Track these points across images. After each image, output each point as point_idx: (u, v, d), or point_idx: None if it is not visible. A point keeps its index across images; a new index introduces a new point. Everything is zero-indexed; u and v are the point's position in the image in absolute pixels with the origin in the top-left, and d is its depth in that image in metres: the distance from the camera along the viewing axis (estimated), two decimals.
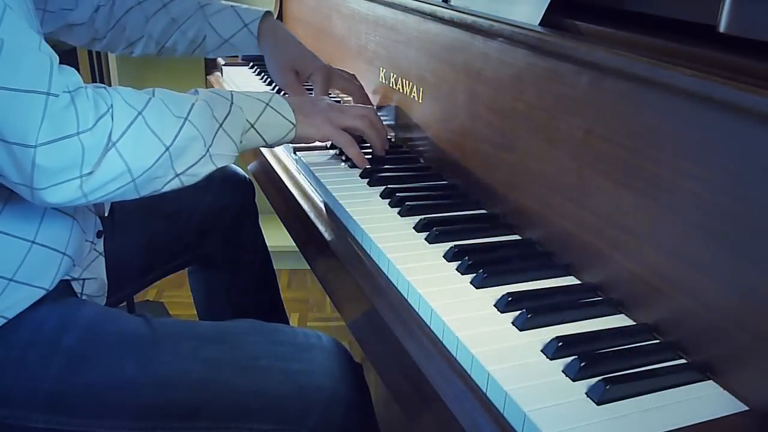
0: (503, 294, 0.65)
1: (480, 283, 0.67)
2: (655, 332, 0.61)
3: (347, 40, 1.26)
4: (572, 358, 0.55)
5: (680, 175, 0.58)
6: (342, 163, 0.99)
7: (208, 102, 0.79)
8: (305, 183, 0.98)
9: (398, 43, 1.06)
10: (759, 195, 0.52)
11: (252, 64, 1.57)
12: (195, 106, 0.77)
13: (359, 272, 0.75)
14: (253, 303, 1.26)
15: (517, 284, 0.68)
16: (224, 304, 1.25)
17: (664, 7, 0.70)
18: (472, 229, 0.79)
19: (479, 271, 0.68)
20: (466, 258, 0.70)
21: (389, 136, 1.06)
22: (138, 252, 1.08)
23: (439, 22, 0.93)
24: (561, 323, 0.62)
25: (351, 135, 0.96)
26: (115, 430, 0.75)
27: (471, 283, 0.68)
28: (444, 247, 0.73)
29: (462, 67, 0.88)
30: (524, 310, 0.61)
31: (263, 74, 1.47)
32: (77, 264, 0.85)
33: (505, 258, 0.73)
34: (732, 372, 0.54)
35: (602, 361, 0.56)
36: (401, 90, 1.05)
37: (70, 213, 0.81)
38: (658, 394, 0.54)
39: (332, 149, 1.04)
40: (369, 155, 0.99)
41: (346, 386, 0.78)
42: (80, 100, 0.66)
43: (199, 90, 0.82)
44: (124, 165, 0.69)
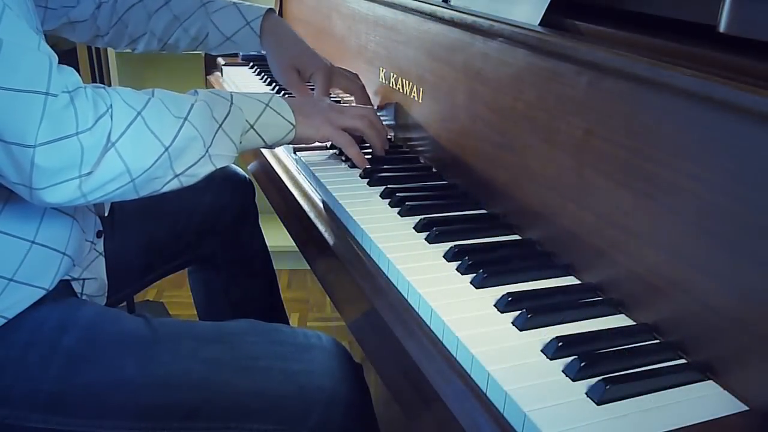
0: (503, 294, 0.65)
1: (480, 283, 0.67)
2: (655, 332, 0.61)
3: (347, 40, 1.26)
4: (572, 358, 0.55)
5: (680, 175, 0.58)
6: (342, 163, 0.99)
7: (207, 102, 0.79)
8: (305, 183, 0.98)
9: (398, 43, 1.05)
10: (759, 195, 0.52)
11: (252, 64, 1.57)
12: (194, 107, 0.77)
13: (359, 272, 0.75)
14: (253, 303, 1.26)
15: (517, 284, 0.68)
16: (224, 305, 1.25)
17: (664, 7, 0.70)
18: (472, 229, 0.79)
19: (479, 271, 0.68)
20: (466, 258, 0.70)
21: (389, 136, 1.06)
22: (138, 252, 1.08)
23: (439, 22, 0.93)
24: (561, 323, 0.62)
25: (351, 135, 0.96)
26: (115, 430, 0.75)
27: (471, 283, 0.68)
28: (444, 247, 0.73)
29: (462, 67, 0.88)
30: (524, 310, 0.61)
31: (263, 74, 1.47)
32: (77, 264, 0.85)
33: (505, 258, 0.73)
34: (732, 372, 0.54)
35: (602, 361, 0.56)
36: (401, 90, 1.05)
37: (70, 213, 0.81)
38: (658, 394, 0.54)
39: (332, 149, 1.04)
40: (369, 155, 0.99)
41: (346, 386, 0.78)
42: (79, 100, 0.66)
43: (198, 90, 0.81)
44: (123, 165, 0.69)
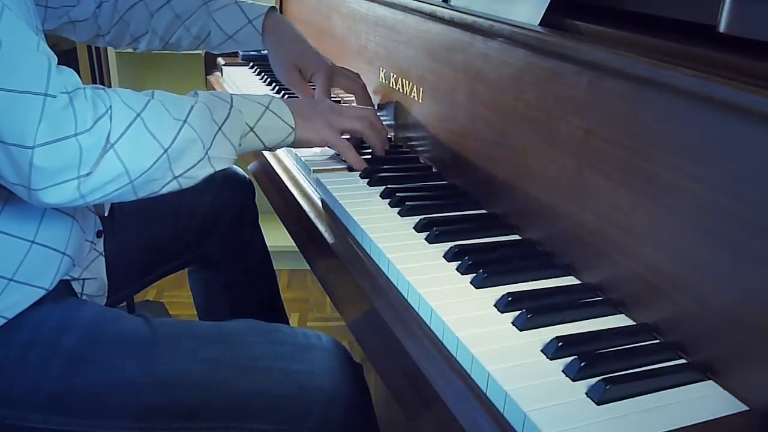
0: (503, 294, 0.65)
1: (480, 283, 0.67)
2: (655, 332, 0.61)
3: (347, 40, 1.26)
4: (572, 358, 0.55)
5: (680, 175, 0.58)
6: (342, 163, 0.99)
7: (207, 104, 0.79)
8: (305, 183, 0.98)
9: (398, 43, 1.05)
10: (759, 195, 0.52)
11: (252, 64, 1.57)
12: (194, 109, 0.77)
13: (359, 272, 0.75)
14: (253, 303, 1.26)
15: (517, 284, 0.68)
16: (224, 304, 1.25)
17: (664, 7, 0.70)
18: (472, 229, 0.79)
19: (479, 271, 0.68)
20: (466, 258, 0.70)
21: (389, 136, 1.06)
22: (138, 252, 1.08)
23: (439, 22, 0.93)
24: (561, 323, 0.62)
25: (352, 136, 0.95)
26: (115, 430, 0.75)
27: (471, 283, 0.68)
28: (444, 247, 0.73)
29: (462, 67, 0.88)
30: (524, 310, 0.61)
31: (263, 74, 1.47)
32: (77, 264, 0.85)
33: (505, 258, 0.73)
34: (732, 372, 0.54)
35: (602, 361, 0.56)
36: (401, 90, 1.05)
37: (70, 213, 0.81)
38: (658, 394, 0.54)
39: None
40: (369, 155, 0.99)
41: (346, 386, 0.79)
42: (78, 101, 0.66)
43: (198, 92, 0.81)
44: (122, 166, 0.69)
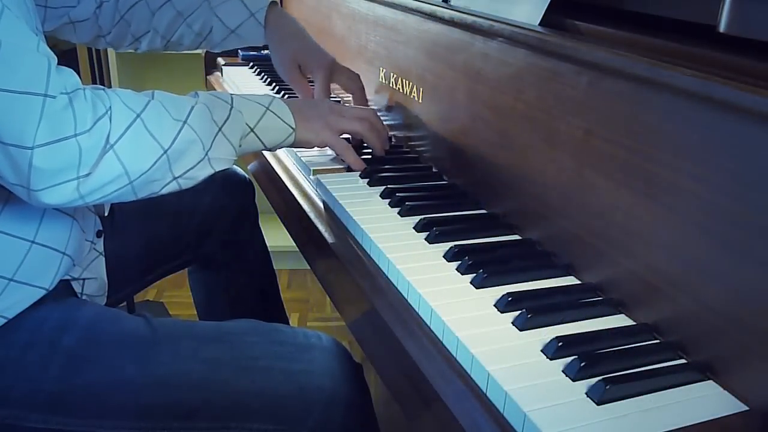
0: (503, 294, 0.65)
1: (480, 283, 0.67)
2: (655, 332, 0.61)
3: (347, 40, 1.26)
4: (572, 358, 0.55)
5: (680, 175, 0.58)
6: (342, 163, 0.99)
7: (207, 105, 0.79)
8: (305, 183, 0.98)
9: (398, 43, 1.05)
10: (759, 195, 0.52)
11: (252, 64, 1.57)
12: (194, 110, 0.77)
13: (359, 272, 0.75)
14: (253, 303, 1.26)
15: (517, 284, 0.68)
16: (224, 304, 1.25)
17: (664, 7, 0.70)
18: (472, 229, 0.79)
19: (479, 271, 0.68)
20: (466, 258, 0.70)
21: (389, 136, 1.06)
22: (138, 252, 1.08)
23: (439, 22, 0.93)
24: (561, 323, 0.62)
25: (352, 136, 0.95)
26: (115, 430, 0.75)
27: (471, 283, 0.68)
28: (444, 247, 0.73)
29: (462, 67, 0.88)
30: (524, 310, 0.61)
31: (263, 74, 1.47)
32: (77, 264, 0.85)
33: (505, 258, 0.73)
34: (732, 372, 0.54)
35: (602, 361, 0.56)
36: (401, 90, 1.05)
37: (70, 213, 0.81)
38: (658, 394, 0.54)
39: None
40: (369, 155, 0.99)
41: (346, 386, 0.79)
42: (78, 102, 0.66)
43: (199, 93, 0.81)
44: (122, 167, 0.69)
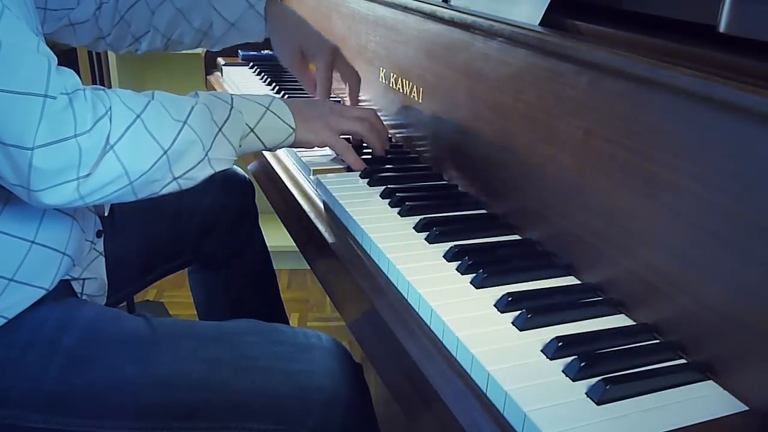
0: (503, 294, 0.65)
1: (480, 283, 0.67)
2: (655, 332, 0.61)
3: (347, 40, 1.26)
4: (572, 358, 0.55)
5: (680, 175, 0.58)
6: (342, 163, 0.99)
7: (207, 105, 0.79)
8: (305, 183, 0.98)
9: (398, 43, 1.05)
10: (759, 195, 0.52)
11: (252, 64, 1.57)
12: (194, 110, 0.77)
13: (359, 272, 0.75)
14: (253, 303, 1.26)
15: (517, 284, 0.68)
16: (224, 304, 1.25)
17: (664, 7, 0.70)
18: (472, 229, 0.79)
19: (479, 271, 0.68)
20: (466, 258, 0.70)
21: (389, 136, 1.06)
22: (138, 252, 1.08)
23: (439, 22, 0.93)
24: (561, 323, 0.62)
25: (352, 136, 0.95)
26: (115, 430, 0.75)
27: (471, 283, 0.68)
28: (444, 247, 0.73)
29: (462, 67, 0.88)
30: (524, 310, 0.61)
31: (263, 74, 1.47)
32: (77, 264, 0.85)
33: (505, 258, 0.73)
34: (732, 372, 0.54)
35: (602, 361, 0.56)
36: (401, 90, 1.05)
37: (70, 213, 0.81)
38: (658, 394, 0.54)
39: None
40: (369, 155, 0.99)
41: (346, 386, 0.78)
42: (78, 102, 0.66)
43: (199, 93, 0.81)
44: (122, 168, 0.69)
